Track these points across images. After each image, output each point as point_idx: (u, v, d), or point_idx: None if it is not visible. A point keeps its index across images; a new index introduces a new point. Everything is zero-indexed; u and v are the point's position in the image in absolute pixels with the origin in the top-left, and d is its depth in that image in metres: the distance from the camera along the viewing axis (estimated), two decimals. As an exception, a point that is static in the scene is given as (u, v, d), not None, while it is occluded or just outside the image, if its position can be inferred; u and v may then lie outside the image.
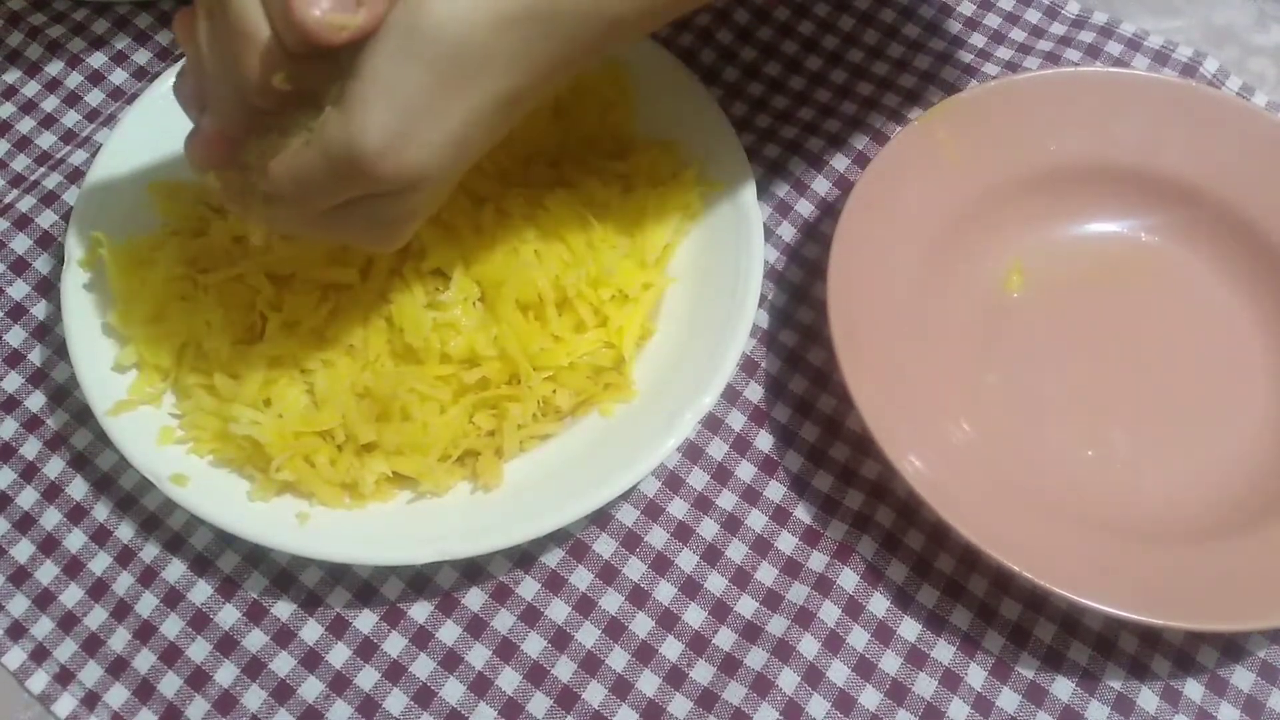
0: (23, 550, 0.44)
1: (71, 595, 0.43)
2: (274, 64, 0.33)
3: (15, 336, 0.48)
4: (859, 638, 0.42)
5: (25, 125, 0.54)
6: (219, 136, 0.35)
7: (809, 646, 0.42)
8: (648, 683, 0.42)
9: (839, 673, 0.42)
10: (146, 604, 0.43)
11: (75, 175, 0.52)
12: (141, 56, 0.55)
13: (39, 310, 0.49)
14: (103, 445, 0.46)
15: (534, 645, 0.42)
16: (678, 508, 0.45)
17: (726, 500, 0.45)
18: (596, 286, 0.44)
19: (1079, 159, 0.48)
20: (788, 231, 0.50)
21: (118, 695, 0.42)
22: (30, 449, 0.46)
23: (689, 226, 0.47)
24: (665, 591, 0.43)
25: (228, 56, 0.33)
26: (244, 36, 0.32)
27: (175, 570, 0.44)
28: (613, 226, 0.45)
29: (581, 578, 0.43)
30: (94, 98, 0.54)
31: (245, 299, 0.44)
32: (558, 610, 0.43)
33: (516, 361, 0.42)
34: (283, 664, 0.42)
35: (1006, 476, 0.43)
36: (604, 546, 0.44)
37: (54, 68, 0.55)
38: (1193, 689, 0.42)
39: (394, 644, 0.43)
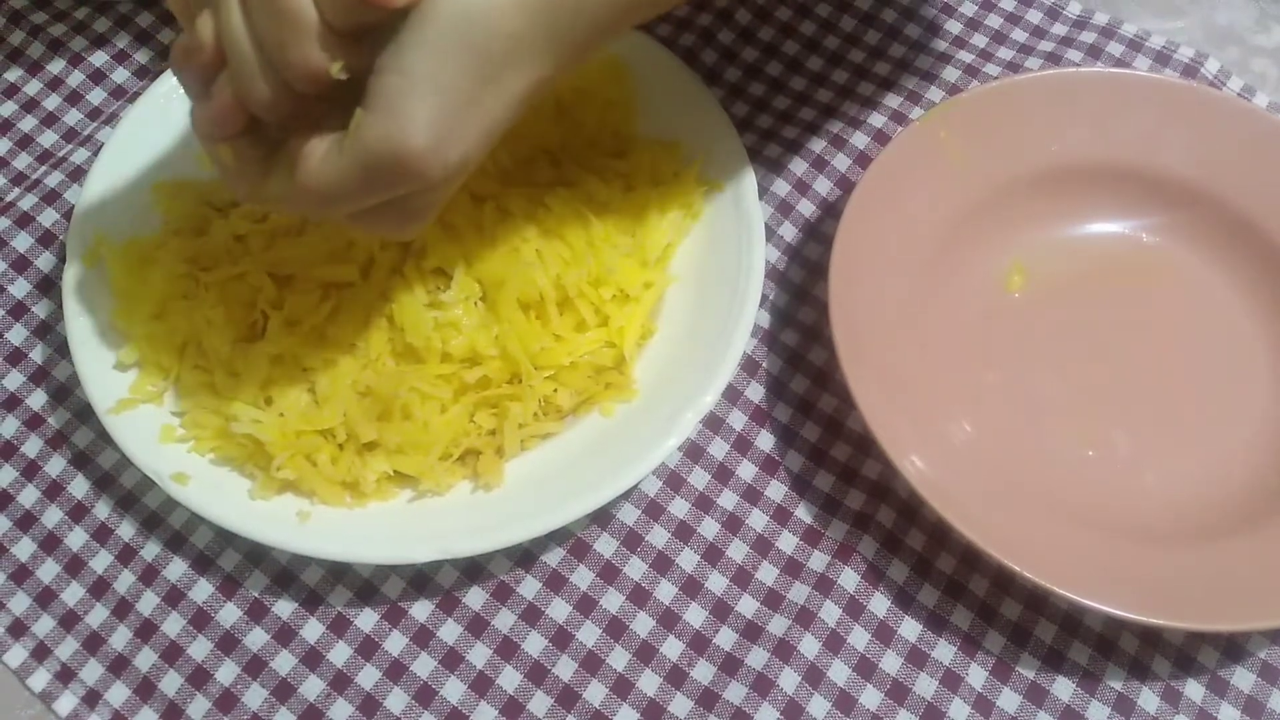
0: (24, 548, 0.44)
1: (73, 593, 0.43)
2: (324, 47, 0.31)
3: (17, 335, 0.48)
4: (860, 638, 0.42)
5: (27, 124, 0.54)
6: (237, 106, 0.33)
7: (810, 646, 0.42)
8: (648, 682, 0.42)
9: (840, 673, 0.42)
10: (147, 602, 0.43)
11: (77, 174, 0.52)
12: (143, 55, 0.55)
13: (40, 309, 0.49)
14: (104, 444, 0.46)
15: (535, 644, 0.42)
16: (679, 507, 0.45)
17: (727, 500, 0.45)
18: (598, 286, 0.44)
19: (1080, 159, 0.48)
20: (789, 231, 0.50)
21: (119, 694, 0.42)
22: (32, 447, 0.46)
23: (690, 226, 0.47)
24: (666, 591, 0.43)
25: (269, 37, 0.31)
26: (288, 16, 0.30)
27: (176, 569, 0.44)
28: (614, 225, 0.45)
29: (582, 577, 0.43)
30: (95, 96, 0.54)
31: (246, 297, 0.44)
32: (559, 609, 0.43)
33: (517, 360, 0.42)
34: (284, 662, 0.42)
35: (1007, 476, 0.43)
36: (605, 546, 0.44)
37: (55, 66, 0.55)
38: (1193, 689, 0.42)
39: (395, 643, 0.43)
